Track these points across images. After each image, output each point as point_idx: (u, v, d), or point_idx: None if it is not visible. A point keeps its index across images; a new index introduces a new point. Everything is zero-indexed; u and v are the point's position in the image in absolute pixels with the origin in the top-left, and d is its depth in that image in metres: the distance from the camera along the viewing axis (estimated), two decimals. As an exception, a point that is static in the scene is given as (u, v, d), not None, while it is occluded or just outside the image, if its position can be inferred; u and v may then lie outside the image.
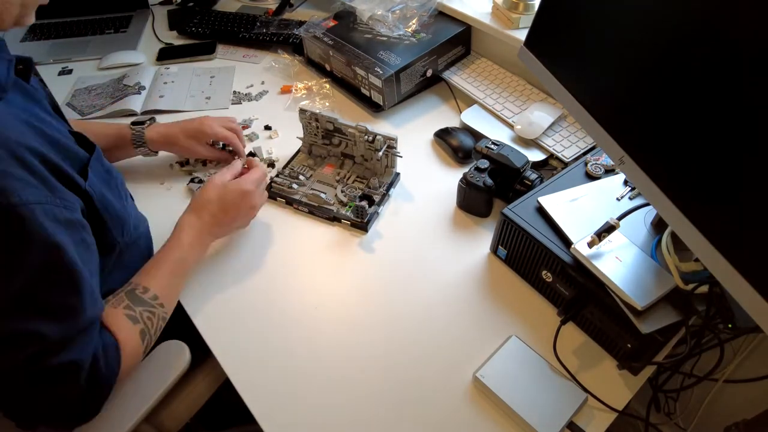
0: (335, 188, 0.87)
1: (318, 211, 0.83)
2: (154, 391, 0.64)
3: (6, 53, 0.55)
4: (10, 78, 0.54)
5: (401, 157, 0.87)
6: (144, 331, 0.60)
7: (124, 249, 0.66)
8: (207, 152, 0.89)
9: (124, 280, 0.64)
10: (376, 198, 0.84)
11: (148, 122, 0.87)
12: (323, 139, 0.91)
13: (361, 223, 0.81)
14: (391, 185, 0.87)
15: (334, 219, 0.83)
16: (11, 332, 0.48)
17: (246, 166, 0.78)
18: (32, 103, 0.57)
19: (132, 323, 0.59)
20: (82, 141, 0.60)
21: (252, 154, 0.95)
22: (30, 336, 0.48)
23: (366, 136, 0.84)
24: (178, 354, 0.67)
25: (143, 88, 1.11)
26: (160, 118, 0.99)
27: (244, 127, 1.02)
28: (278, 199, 0.86)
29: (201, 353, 0.70)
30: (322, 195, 0.84)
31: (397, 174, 0.89)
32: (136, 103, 1.07)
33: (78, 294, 0.52)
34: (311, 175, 0.89)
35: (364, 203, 0.80)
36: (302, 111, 0.88)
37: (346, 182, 0.88)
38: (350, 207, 0.83)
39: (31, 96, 0.58)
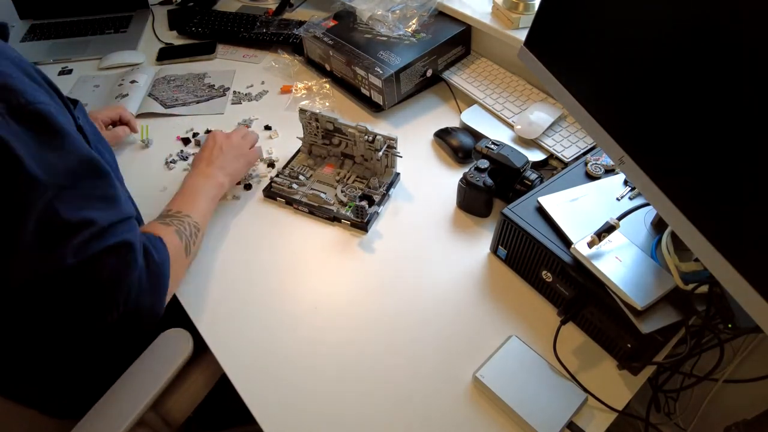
0: (335, 188, 0.87)
1: (318, 211, 0.83)
2: (160, 377, 0.65)
3: None
4: None
5: (401, 157, 0.87)
6: (179, 231, 0.68)
7: None
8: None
9: None
10: (376, 198, 0.84)
11: None
12: (323, 139, 0.91)
13: (361, 223, 0.81)
14: (391, 185, 0.87)
15: (334, 219, 0.83)
16: (67, 222, 0.51)
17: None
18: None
19: (166, 226, 0.67)
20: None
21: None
22: (83, 223, 0.52)
23: (366, 136, 0.84)
24: (182, 341, 0.68)
25: (227, 89, 1.13)
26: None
27: (245, 127, 1.02)
28: (278, 199, 0.86)
29: (201, 346, 0.70)
30: (322, 195, 0.84)
31: (397, 174, 0.89)
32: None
33: (112, 186, 0.57)
34: (311, 175, 0.89)
35: (364, 203, 0.80)
36: (302, 111, 0.88)
37: (346, 182, 0.88)
38: (350, 207, 0.83)
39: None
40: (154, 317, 0.60)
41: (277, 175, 0.88)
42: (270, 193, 0.86)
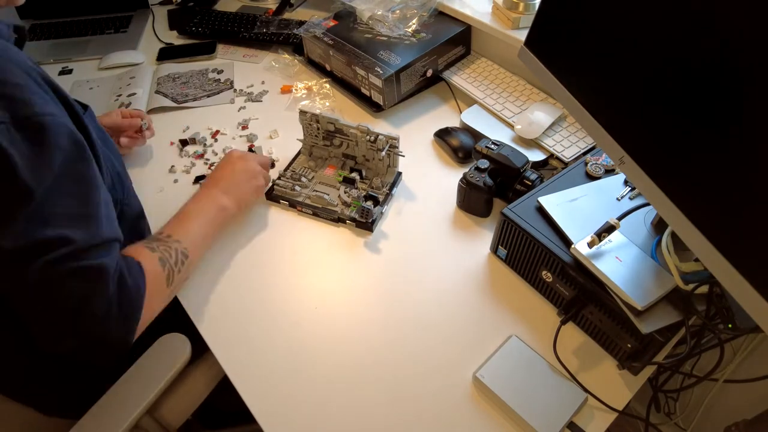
0: (338, 189, 0.87)
1: (322, 213, 0.83)
2: (156, 383, 0.65)
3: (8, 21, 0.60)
4: (9, 38, 0.57)
5: (403, 156, 0.86)
6: (163, 260, 0.64)
7: (123, 209, 0.70)
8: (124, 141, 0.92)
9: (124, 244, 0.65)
10: (380, 198, 0.84)
11: None
12: (324, 140, 0.91)
13: (366, 224, 0.81)
14: (393, 185, 0.87)
15: (338, 220, 0.83)
16: (42, 238, 0.50)
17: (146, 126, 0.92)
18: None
19: (150, 252, 0.64)
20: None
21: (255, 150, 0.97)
22: (59, 240, 0.51)
23: (368, 137, 0.84)
24: (179, 346, 0.68)
25: (232, 82, 1.15)
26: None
27: (244, 127, 1.02)
28: (281, 201, 0.86)
29: (201, 348, 0.70)
30: (326, 196, 0.84)
31: (399, 173, 0.89)
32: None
33: (97, 205, 0.56)
34: (313, 177, 0.89)
35: (370, 204, 0.80)
36: (302, 112, 0.88)
37: (350, 182, 0.88)
38: (354, 207, 0.83)
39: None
40: (122, 347, 0.57)
41: (279, 178, 0.88)
42: (273, 196, 0.86)
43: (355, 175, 0.85)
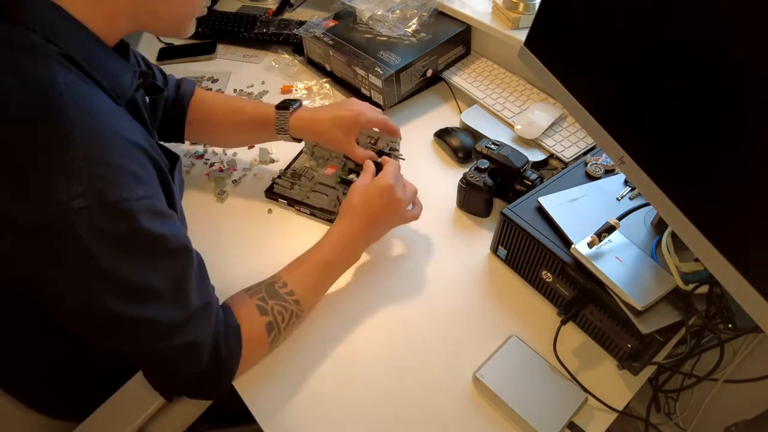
0: (337, 190, 0.87)
1: (319, 213, 0.83)
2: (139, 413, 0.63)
3: (132, 63, 0.57)
4: (132, 88, 0.54)
5: (403, 159, 0.85)
6: (271, 324, 0.62)
7: None
8: (356, 150, 0.78)
9: None
10: None
11: (293, 107, 0.80)
12: None
13: None
14: None
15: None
16: (130, 319, 0.49)
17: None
18: (129, 112, 0.57)
19: (260, 314, 0.61)
20: (165, 150, 0.60)
21: (382, 153, 0.84)
22: (144, 321, 0.50)
23: (369, 137, 0.84)
24: None
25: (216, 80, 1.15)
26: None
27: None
28: (280, 200, 0.86)
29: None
30: (324, 197, 0.84)
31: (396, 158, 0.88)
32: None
33: (186, 279, 0.53)
34: (313, 177, 0.89)
35: None
36: None
37: (348, 184, 0.88)
38: None
39: (133, 105, 0.59)
40: (217, 396, 0.61)
41: (279, 176, 0.88)
42: (271, 194, 0.86)
43: (353, 176, 0.85)
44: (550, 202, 0.69)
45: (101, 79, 0.49)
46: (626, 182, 0.72)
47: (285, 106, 0.81)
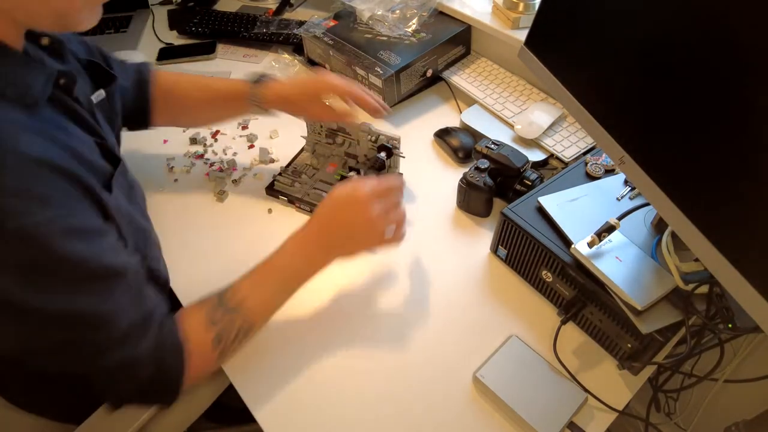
0: None
1: None
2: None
3: (52, 65, 0.52)
4: (45, 93, 0.49)
5: (404, 157, 0.86)
6: (219, 337, 0.58)
7: (149, 262, 0.65)
8: (323, 112, 0.79)
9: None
10: None
11: (263, 80, 0.81)
12: (327, 138, 0.91)
13: None
14: None
15: None
16: (61, 342, 0.48)
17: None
18: (63, 115, 0.53)
19: (207, 327, 0.58)
20: (108, 154, 0.57)
21: (383, 147, 0.83)
22: (73, 344, 0.49)
23: (369, 136, 0.85)
24: None
25: None
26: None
27: (244, 127, 1.02)
28: (280, 197, 0.86)
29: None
30: (323, 194, 0.84)
31: (400, 174, 0.89)
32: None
33: (112, 301, 0.50)
34: (314, 174, 0.89)
35: None
36: None
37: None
38: None
39: (66, 108, 0.54)
40: (166, 405, 0.59)
41: (279, 174, 0.88)
42: (272, 192, 0.86)
43: (352, 174, 0.85)
44: (550, 202, 0.69)
45: (1, 87, 0.45)
46: (626, 182, 0.71)
47: (257, 79, 0.81)
